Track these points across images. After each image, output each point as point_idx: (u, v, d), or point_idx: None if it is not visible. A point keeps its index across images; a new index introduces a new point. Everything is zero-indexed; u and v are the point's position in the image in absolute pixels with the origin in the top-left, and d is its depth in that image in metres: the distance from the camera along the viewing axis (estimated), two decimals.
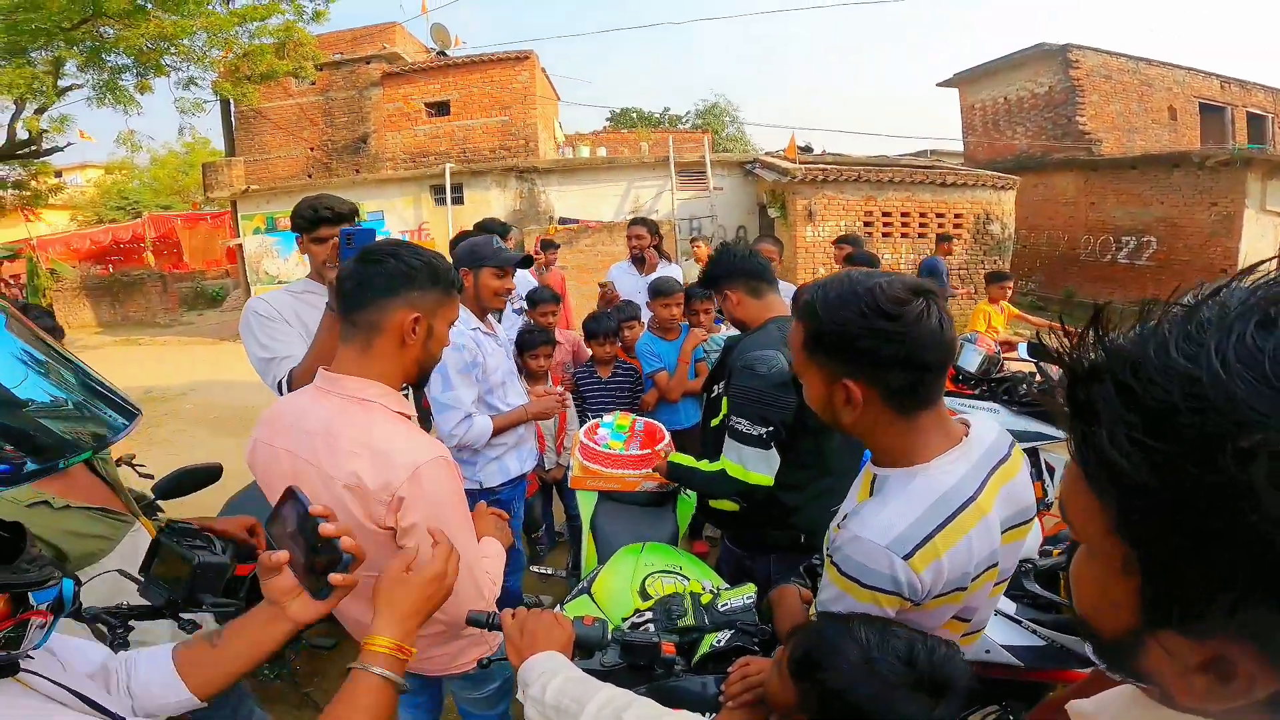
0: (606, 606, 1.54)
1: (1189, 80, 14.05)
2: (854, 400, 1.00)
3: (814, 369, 1.05)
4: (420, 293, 1.25)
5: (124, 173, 26.33)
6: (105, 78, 9.80)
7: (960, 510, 0.96)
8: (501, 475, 2.46)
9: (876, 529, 0.95)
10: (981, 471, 1.02)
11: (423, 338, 1.26)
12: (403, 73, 13.40)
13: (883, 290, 0.97)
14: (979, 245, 10.66)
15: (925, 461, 1.00)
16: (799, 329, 1.06)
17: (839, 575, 0.98)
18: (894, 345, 0.96)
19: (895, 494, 0.99)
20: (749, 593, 1.49)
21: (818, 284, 1.06)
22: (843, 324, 0.98)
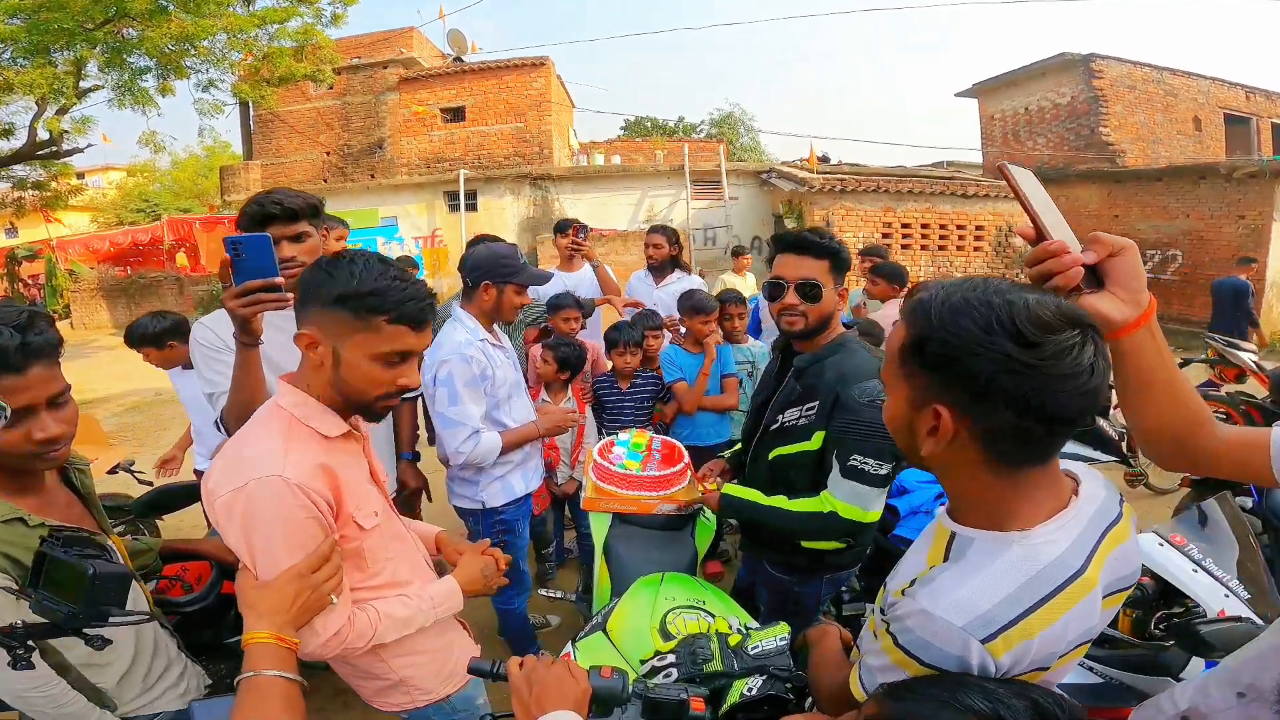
0: (624, 646, 1.42)
1: (1214, 90, 13.80)
2: (941, 431, 0.81)
3: (903, 381, 0.86)
4: (319, 311, 1.09)
5: (145, 175, 26.67)
6: (126, 78, 9.86)
7: (1062, 588, 0.79)
8: (506, 495, 2.35)
9: (954, 606, 0.79)
10: (1091, 539, 0.85)
11: (327, 362, 1.11)
12: (419, 78, 13.46)
13: (1026, 307, 0.75)
14: (1000, 258, 10.50)
15: (1025, 528, 0.82)
16: (900, 330, 0.86)
17: (894, 647, 0.84)
18: (1017, 379, 0.74)
19: (982, 565, 0.81)
20: (782, 634, 1.36)
21: (942, 282, 0.86)
22: (957, 334, 0.77)
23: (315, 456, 1.10)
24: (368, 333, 1.10)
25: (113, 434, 6.33)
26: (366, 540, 1.21)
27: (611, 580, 2.06)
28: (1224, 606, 1.75)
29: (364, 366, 1.11)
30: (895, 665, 0.84)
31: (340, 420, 1.17)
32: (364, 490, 1.23)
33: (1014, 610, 0.77)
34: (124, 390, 8.35)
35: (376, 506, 1.25)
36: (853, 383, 1.61)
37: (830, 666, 1.19)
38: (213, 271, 17.94)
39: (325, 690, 2.54)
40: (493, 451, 2.17)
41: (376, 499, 1.27)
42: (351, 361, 1.11)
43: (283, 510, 1.05)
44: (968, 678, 0.77)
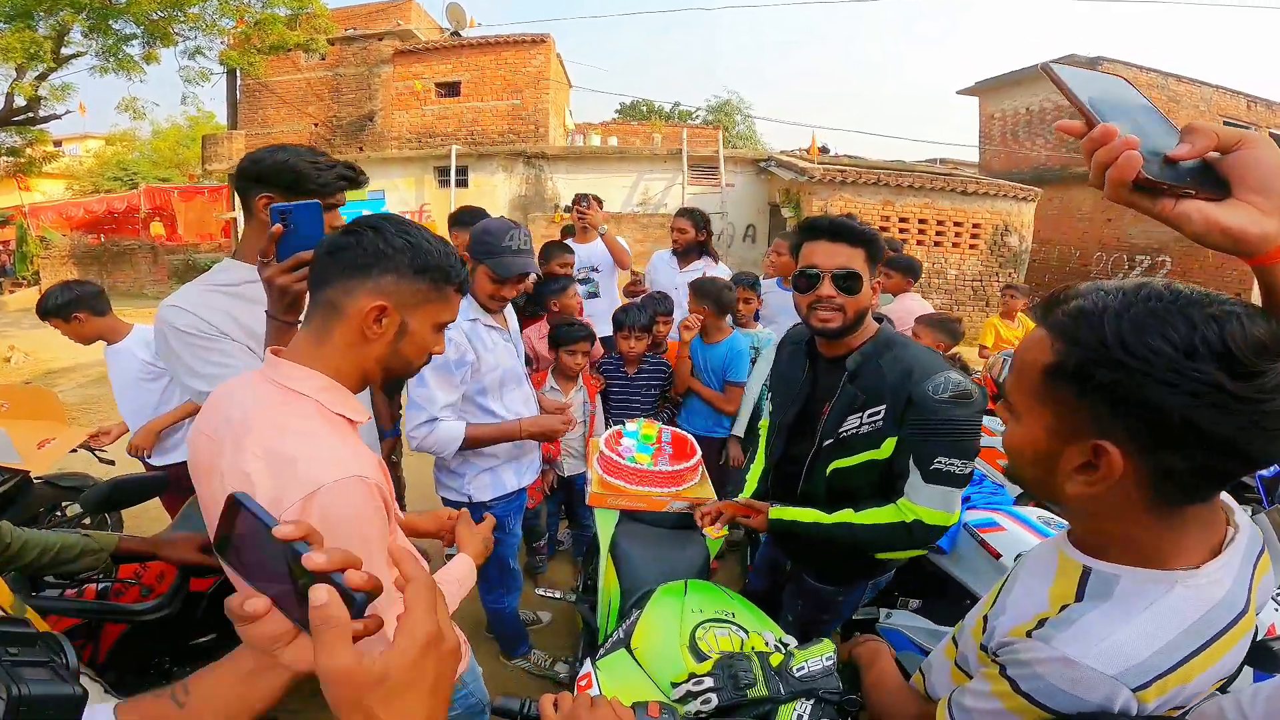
0: (651, 667, 1.26)
1: (1216, 98, 13.85)
2: (1104, 472, 0.67)
3: (1045, 408, 0.71)
4: (395, 279, 1.00)
5: (124, 144, 25.97)
6: (111, 44, 9.48)
7: (1226, 630, 0.70)
8: (495, 490, 2.17)
9: (1105, 653, 0.69)
10: (1247, 573, 0.74)
11: (389, 334, 1.02)
12: (415, 51, 13.13)
13: (1241, 327, 0.59)
14: (995, 257, 10.44)
15: (1188, 566, 0.71)
16: (1044, 347, 0.70)
17: (1012, 693, 0.74)
18: (1224, 416, 0.59)
19: (1138, 607, 0.70)
20: (827, 652, 1.21)
21: (1104, 287, 0.67)
22: (1145, 359, 0.61)
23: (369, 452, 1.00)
24: (439, 302, 1.07)
25: (76, 406, 6.03)
26: None
27: (620, 581, 1.90)
28: (1274, 621, 1.68)
29: (425, 337, 1.08)
30: (1008, 710, 0.75)
31: (360, 404, 1.06)
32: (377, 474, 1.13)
33: (1175, 657, 0.68)
34: (91, 360, 7.99)
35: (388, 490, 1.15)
36: (922, 378, 1.42)
37: (891, 691, 1.10)
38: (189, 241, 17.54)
39: (304, 690, 2.36)
40: (451, 442, 1.94)
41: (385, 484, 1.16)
42: (416, 331, 1.06)
43: (367, 515, 0.93)
44: None
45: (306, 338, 1.03)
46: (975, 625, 0.90)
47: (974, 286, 10.43)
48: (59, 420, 2.76)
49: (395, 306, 1.00)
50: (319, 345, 1.01)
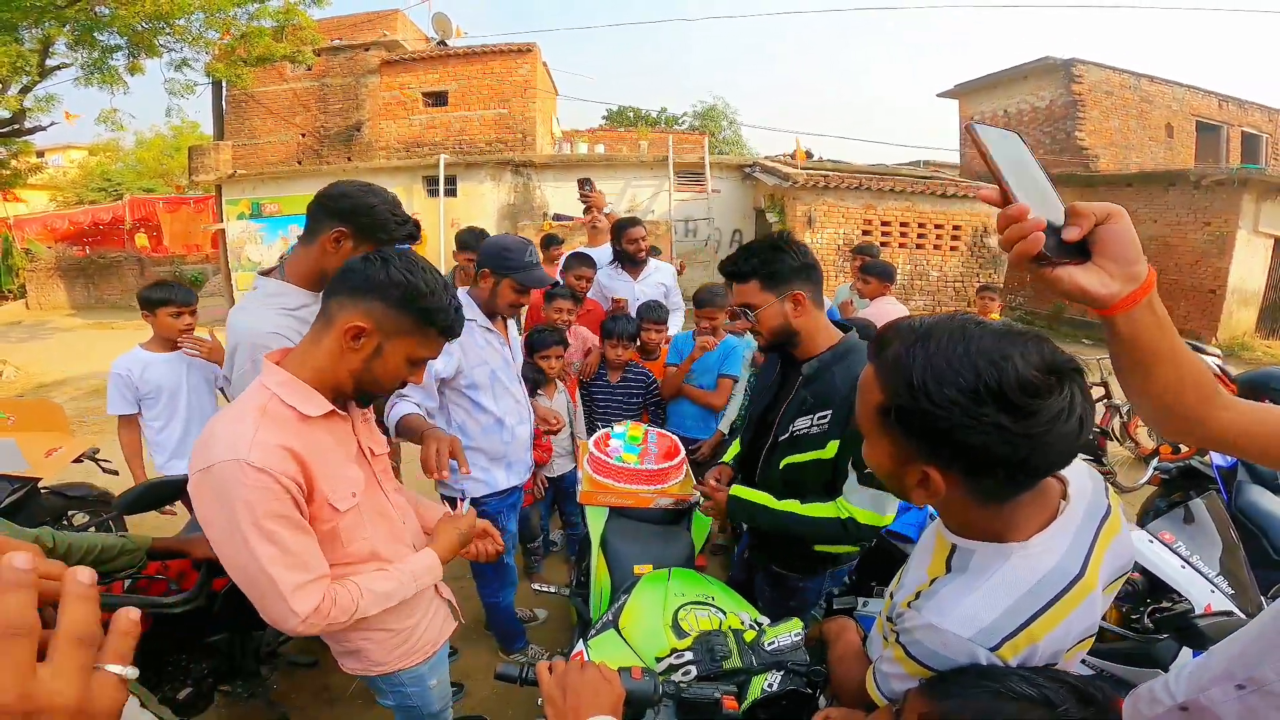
0: (638, 644, 1.37)
1: (1188, 98, 14.11)
2: (933, 489, 0.80)
3: (885, 442, 0.83)
4: (383, 306, 1.14)
5: (108, 155, 25.76)
6: (96, 57, 9.47)
7: (1063, 594, 0.81)
8: (486, 487, 2.29)
9: (959, 619, 0.81)
10: (1085, 540, 0.85)
11: (365, 352, 1.16)
12: (401, 61, 13.16)
13: (1016, 372, 0.71)
14: (975, 258, 10.64)
15: (1021, 539, 0.83)
16: (875, 386, 0.81)
17: (906, 657, 0.86)
18: (1011, 447, 0.72)
19: (982, 577, 0.83)
20: (796, 629, 1.34)
21: (914, 328, 0.79)
22: (945, 408, 0.73)
23: (284, 438, 1.11)
24: (417, 337, 1.19)
25: (72, 419, 6.05)
26: (342, 521, 1.23)
27: (610, 573, 2.02)
28: (1210, 601, 1.81)
29: (398, 365, 1.19)
30: (909, 674, 0.86)
31: (323, 400, 1.18)
32: (344, 471, 1.24)
33: (1017, 619, 0.79)
34: (83, 373, 8.03)
35: (356, 486, 1.26)
36: None
37: (852, 661, 1.20)
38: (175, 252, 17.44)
39: (311, 687, 2.46)
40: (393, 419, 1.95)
41: (356, 478, 1.27)
42: (390, 357, 1.18)
43: (242, 495, 1.06)
44: (1008, 669, 0.78)
45: (307, 340, 1.19)
46: (885, 601, 1.05)
47: (955, 288, 10.62)
48: (63, 431, 2.84)
49: (375, 329, 1.14)
50: (312, 347, 1.18)
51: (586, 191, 3.94)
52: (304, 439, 1.14)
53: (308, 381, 1.17)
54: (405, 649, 1.44)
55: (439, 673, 1.57)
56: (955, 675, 0.81)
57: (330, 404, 1.19)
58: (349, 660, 1.42)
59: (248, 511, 1.06)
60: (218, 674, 1.99)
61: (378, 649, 1.40)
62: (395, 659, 1.43)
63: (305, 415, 1.15)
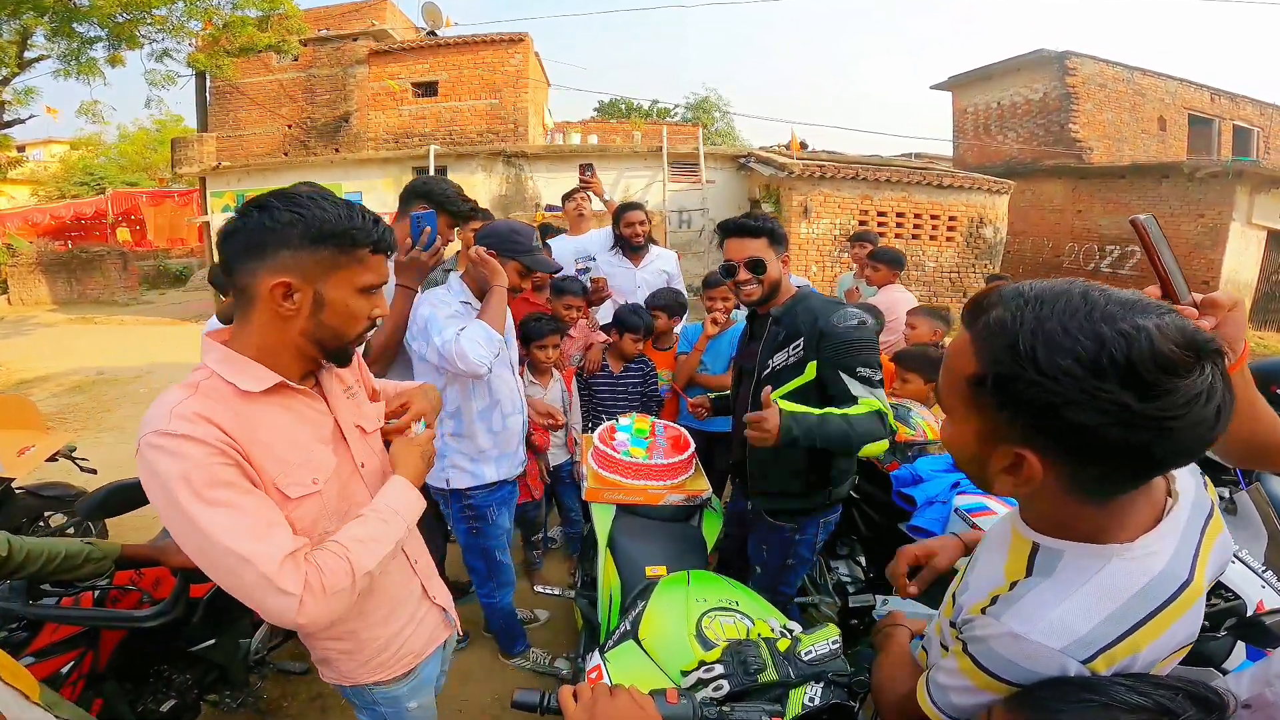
0: (660, 657, 1.27)
1: (1180, 91, 14.14)
2: (1026, 476, 0.70)
3: (972, 415, 0.73)
4: (292, 254, 0.99)
5: (90, 148, 25.34)
6: (74, 48, 9.22)
7: (1171, 600, 0.72)
8: (474, 479, 2.18)
9: (1050, 629, 0.71)
10: (1192, 540, 0.76)
11: (305, 309, 1.02)
12: (390, 51, 12.93)
13: (1150, 342, 0.60)
14: (971, 249, 10.59)
15: (1125, 540, 0.73)
16: (969, 354, 0.71)
17: (975, 669, 0.76)
18: (1134, 431, 0.62)
19: (1078, 582, 0.73)
20: (833, 636, 1.23)
21: (1023, 291, 0.68)
22: (1057, 379, 0.63)
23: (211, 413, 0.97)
24: (353, 266, 1.05)
25: (53, 416, 5.88)
26: (296, 510, 1.05)
27: (620, 575, 1.91)
28: (1261, 597, 1.72)
29: (350, 302, 1.06)
30: (977, 687, 0.77)
31: (266, 373, 1.04)
32: (303, 453, 1.08)
33: (1119, 629, 0.70)
34: (65, 369, 7.83)
35: (320, 471, 1.09)
36: (827, 316, 1.79)
37: (899, 671, 1.09)
38: (159, 246, 17.12)
39: (303, 695, 2.34)
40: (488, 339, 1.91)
41: (322, 462, 1.10)
42: (336, 300, 1.05)
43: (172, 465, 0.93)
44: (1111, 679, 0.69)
45: (235, 322, 1.06)
46: (947, 603, 0.94)
47: (951, 278, 10.57)
48: (37, 429, 2.69)
49: (302, 280, 1.00)
50: (242, 327, 1.04)
51: (588, 176, 3.81)
52: (242, 417, 1.00)
53: (253, 358, 1.04)
54: (379, 661, 1.25)
55: (420, 695, 1.37)
56: (1050, 688, 0.71)
57: (279, 377, 1.05)
58: (323, 668, 1.28)
59: (184, 485, 0.92)
60: (203, 684, 1.86)
61: (346, 660, 1.23)
62: (366, 671, 1.25)
63: (245, 391, 1.01)
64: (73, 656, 1.41)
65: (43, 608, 1.35)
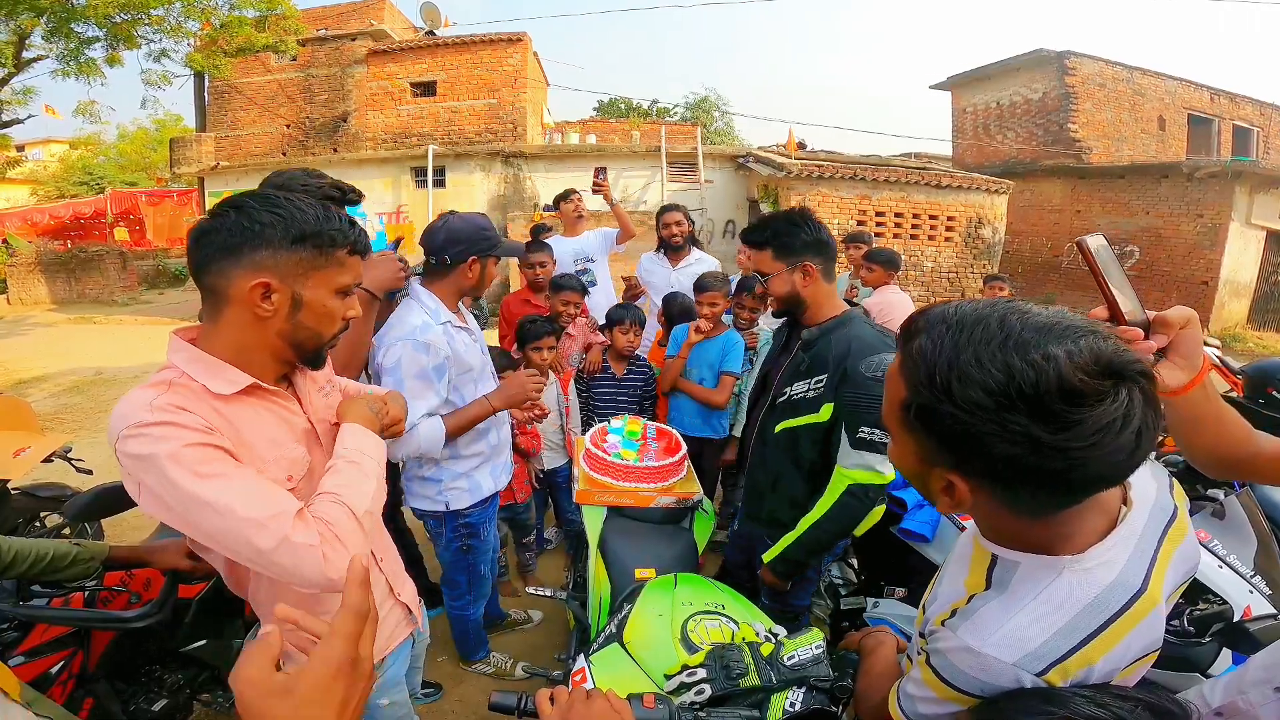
0: (644, 660, 1.27)
1: (1180, 91, 14.13)
2: (959, 499, 0.72)
3: (909, 442, 0.74)
4: (270, 254, 0.99)
5: (89, 148, 25.35)
6: (73, 48, 9.23)
7: (1123, 610, 0.71)
8: (472, 495, 2.09)
9: (1002, 642, 0.71)
10: (1148, 549, 0.76)
11: (282, 310, 1.02)
12: (389, 51, 12.93)
13: (1058, 369, 0.60)
14: (969, 249, 10.59)
15: (1075, 552, 0.73)
16: (898, 379, 0.72)
17: (936, 680, 0.77)
18: (1050, 461, 0.62)
19: (1028, 594, 0.73)
20: (817, 640, 1.23)
21: (946, 316, 0.68)
22: (968, 410, 0.63)
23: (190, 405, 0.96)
24: (330, 268, 1.05)
25: (50, 416, 5.89)
26: None
27: (610, 577, 1.91)
28: (1249, 603, 1.72)
29: (328, 303, 1.07)
30: (940, 698, 0.78)
31: (238, 374, 1.03)
32: (278, 451, 1.08)
33: (1070, 641, 0.70)
34: (63, 369, 7.83)
35: (295, 469, 1.10)
36: (859, 357, 1.62)
37: (882, 680, 1.09)
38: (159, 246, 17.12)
39: None
40: (436, 440, 1.84)
41: (297, 459, 1.10)
42: (314, 301, 1.05)
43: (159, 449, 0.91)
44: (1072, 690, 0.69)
45: (205, 323, 1.04)
46: (918, 614, 0.95)
47: (950, 278, 10.56)
48: (32, 430, 2.70)
49: (280, 281, 1.00)
50: (213, 328, 1.02)
51: (601, 180, 3.91)
52: (221, 415, 0.99)
53: (226, 359, 1.02)
54: None
55: (390, 693, 1.35)
56: (1011, 700, 0.71)
57: (251, 378, 1.03)
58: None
59: (176, 465, 0.90)
60: (195, 684, 1.87)
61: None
62: None
63: (217, 394, 1.00)
64: (62, 656, 1.42)
65: (32, 608, 1.36)
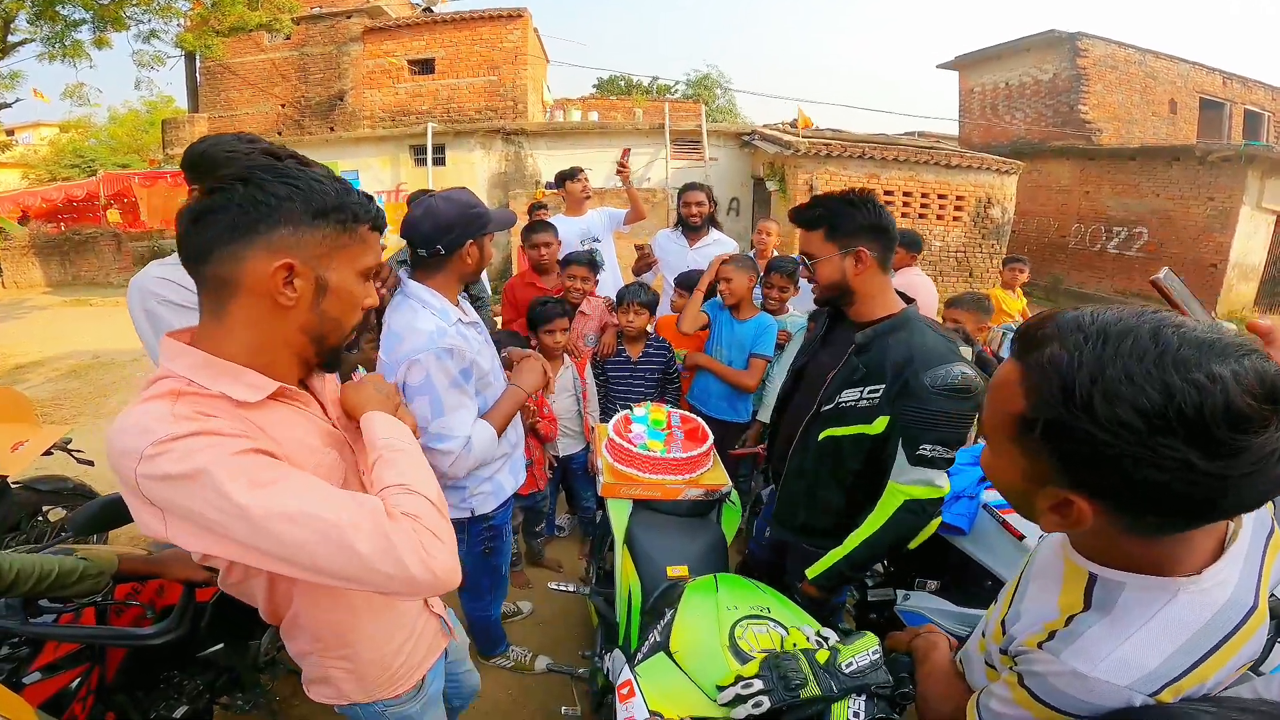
0: (694, 670, 1.20)
1: (1192, 74, 13.91)
2: (1074, 519, 0.66)
3: (1019, 457, 0.67)
4: (291, 231, 0.85)
5: (80, 131, 25.04)
6: (59, 31, 9.02)
7: (1237, 630, 0.69)
8: (497, 498, 1.97)
9: (1115, 667, 0.68)
10: (1255, 565, 0.72)
11: (308, 296, 0.88)
12: (386, 28, 12.69)
13: (1226, 393, 0.53)
14: (978, 229, 10.47)
15: (1189, 573, 0.69)
16: (1017, 390, 0.65)
17: (1032, 700, 0.75)
18: (1200, 490, 0.57)
19: (1140, 617, 0.69)
20: (873, 646, 1.17)
21: (1084, 323, 0.62)
22: (1114, 432, 0.57)
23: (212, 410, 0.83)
24: (354, 246, 0.92)
25: (48, 401, 5.80)
26: None
27: (638, 572, 1.84)
28: None
29: (350, 289, 0.93)
30: (1035, 718, 0.75)
31: (262, 379, 0.89)
32: (315, 458, 0.96)
33: (1186, 662, 0.68)
34: (60, 353, 7.72)
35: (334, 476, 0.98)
36: (923, 367, 1.48)
37: (942, 686, 1.05)
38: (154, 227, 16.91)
39: None
40: (492, 444, 1.74)
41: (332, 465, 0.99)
42: (339, 285, 0.91)
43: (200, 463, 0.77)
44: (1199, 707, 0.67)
45: (207, 321, 0.88)
46: (995, 630, 0.90)
47: (958, 258, 10.47)
48: (30, 422, 2.61)
49: (303, 263, 0.86)
50: (218, 326, 0.87)
51: (625, 161, 3.84)
52: (247, 422, 0.85)
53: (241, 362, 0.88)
54: (385, 678, 1.15)
55: (431, 711, 1.28)
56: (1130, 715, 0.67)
57: (276, 383, 0.90)
58: (319, 688, 1.15)
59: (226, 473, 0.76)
60: (214, 688, 1.81)
61: (349, 679, 1.12)
62: (372, 689, 1.15)
63: (241, 402, 0.86)
64: (80, 672, 1.35)
65: (44, 626, 1.28)
